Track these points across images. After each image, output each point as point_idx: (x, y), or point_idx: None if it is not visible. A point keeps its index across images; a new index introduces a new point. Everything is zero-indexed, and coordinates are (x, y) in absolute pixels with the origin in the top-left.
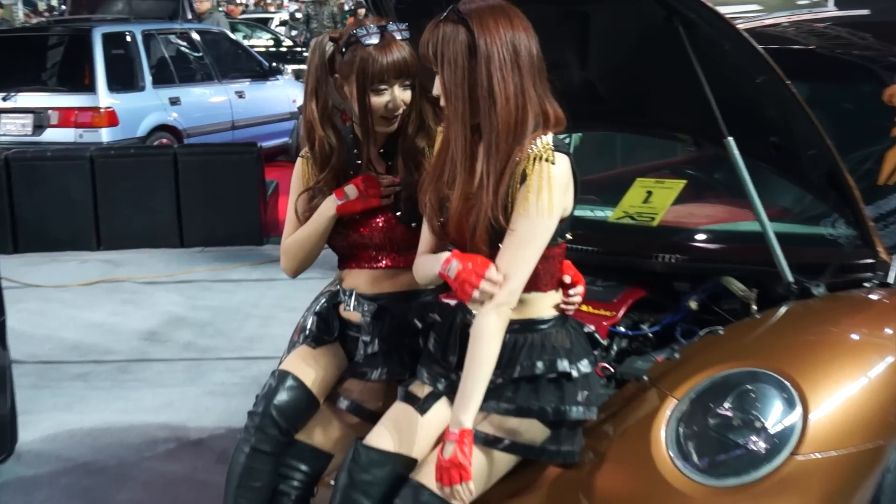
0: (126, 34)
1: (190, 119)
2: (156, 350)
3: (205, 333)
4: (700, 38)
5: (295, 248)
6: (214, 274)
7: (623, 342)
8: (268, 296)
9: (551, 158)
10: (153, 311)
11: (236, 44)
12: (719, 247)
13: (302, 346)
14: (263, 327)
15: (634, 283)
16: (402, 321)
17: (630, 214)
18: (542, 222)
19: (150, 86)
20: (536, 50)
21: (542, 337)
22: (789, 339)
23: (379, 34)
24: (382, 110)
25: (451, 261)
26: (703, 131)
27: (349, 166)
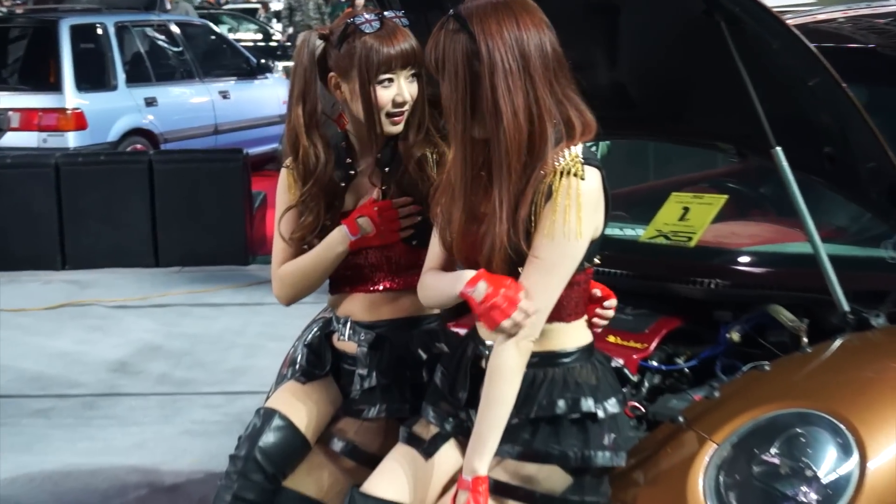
0: (97, 26)
1: (168, 122)
2: (127, 383)
3: (182, 365)
4: (745, 36)
5: (293, 278)
6: (193, 297)
7: (656, 378)
8: (254, 323)
9: (580, 173)
10: (124, 338)
11: (220, 38)
12: (765, 271)
13: (290, 381)
14: (248, 358)
15: (669, 312)
16: (403, 352)
17: (664, 233)
18: (570, 246)
19: (123, 84)
20: (552, 48)
21: (564, 372)
22: (845, 376)
23: (379, 20)
24: (389, 105)
25: (479, 281)
26: (747, 140)
27: (340, 179)
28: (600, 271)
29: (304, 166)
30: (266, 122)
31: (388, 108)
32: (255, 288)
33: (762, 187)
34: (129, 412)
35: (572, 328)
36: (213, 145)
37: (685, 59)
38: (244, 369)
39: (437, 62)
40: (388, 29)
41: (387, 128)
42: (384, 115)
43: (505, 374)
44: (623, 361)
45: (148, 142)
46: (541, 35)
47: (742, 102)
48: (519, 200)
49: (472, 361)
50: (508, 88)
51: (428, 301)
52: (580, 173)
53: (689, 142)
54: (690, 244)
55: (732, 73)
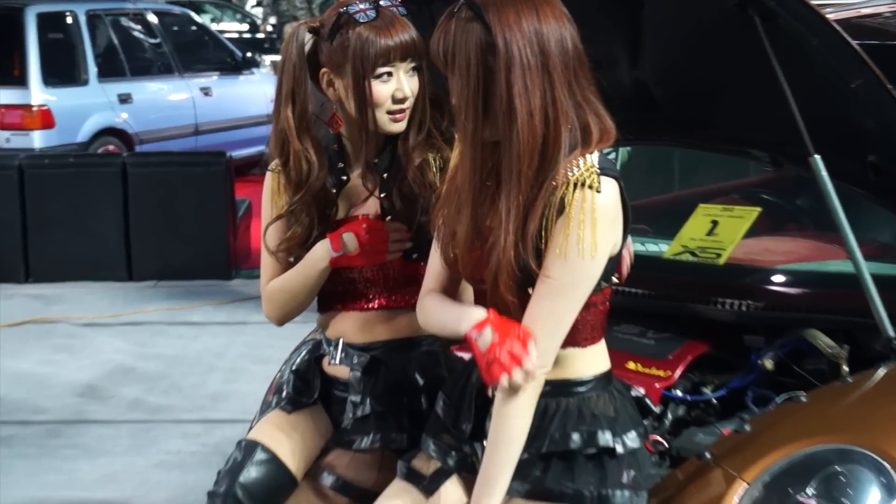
0: (66, 14)
1: (143, 121)
2: (96, 409)
3: (157, 389)
4: (781, 32)
5: (281, 296)
6: (170, 315)
7: (680, 410)
8: (236, 343)
9: (596, 185)
10: (93, 360)
11: (202, 29)
12: (802, 291)
13: (275, 410)
14: (230, 383)
15: (695, 336)
16: (400, 376)
17: (690, 249)
18: (585, 266)
19: (94, 79)
20: (574, 44)
21: (579, 402)
22: (889, 409)
23: (375, 9)
24: (389, 102)
25: (486, 327)
26: (782, 147)
27: (332, 186)
28: (619, 291)
29: (294, 173)
30: (252, 122)
31: (389, 105)
32: (238, 305)
33: (799, 199)
34: (98, 441)
35: (588, 354)
36: (194, 147)
37: (715, 58)
38: (225, 395)
39: (446, 54)
40: (385, 18)
41: (388, 126)
42: (384, 112)
43: (515, 408)
44: (644, 391)
45: (121, 143)
46: (562, 29)
47: (777, 105)
48: (528, 212)
49: (478, 390)
50: (525, 86)
51: (427, 328)
52: (596, 185)
53: (719, 148)
54: (719, 261)
55: (767, 74)
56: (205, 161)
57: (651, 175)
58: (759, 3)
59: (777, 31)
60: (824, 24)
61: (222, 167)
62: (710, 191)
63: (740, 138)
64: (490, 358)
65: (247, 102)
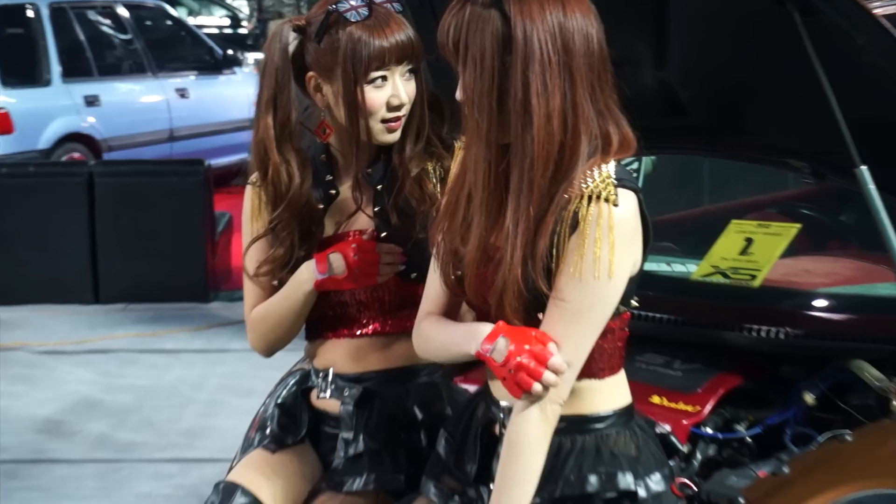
0: (26, 8)
1: (112, 126)
2: (58, 447)
3: (126, 424)
4: (823, 29)
5: (265, 324)
6: (141, 342)
7: (710, 449)
8: (214, 373)
9: (613, 198)
10: (55, 391)
11: (178, 23)
12: (846, 317)
13: (257, 449)
14: (207, 417)
15: (727, 367)
16: (396, 410)
17: (722, 270)
18: (601, 288)
19: (58, 79)
20: (600, 46)
21: (596, 440)
22: None
23: (367, 6)
24: (383, 110)
25: (498, 338)
26: (825, 157)
27: (318, 200)
28: (642, 316)
29: (273, 187)
30: (233, 127)
31: (383, 113)
32: (217, 331)
33: (843, 214)
34: (60, 483)
35: (606, 386)
36: (168, 155)
37: (749, 57)
38: (202, 431)
39: (457, 44)
40: (378, 17)
41: (381, 136)
42: (377, 121)
43: (527, 445)
44: (670, 427)
45: (88, 150)
46: (588, 27)
47: (819, 111)
48: (539, 227)
49: (484, 426)
50: (545, 85)
51: (428, 355)
52: (613, 198)
53: (753, 158)
54: (754, 284)
55: (807, 75)
56: (181, 170)
57: (678, 187)
58: None
59: (819, 27)
60: (871, 19)
61: (200, 177)
62: (744, 205)
63: (777, 147)
64: (512, 366)
65: (228, 105)
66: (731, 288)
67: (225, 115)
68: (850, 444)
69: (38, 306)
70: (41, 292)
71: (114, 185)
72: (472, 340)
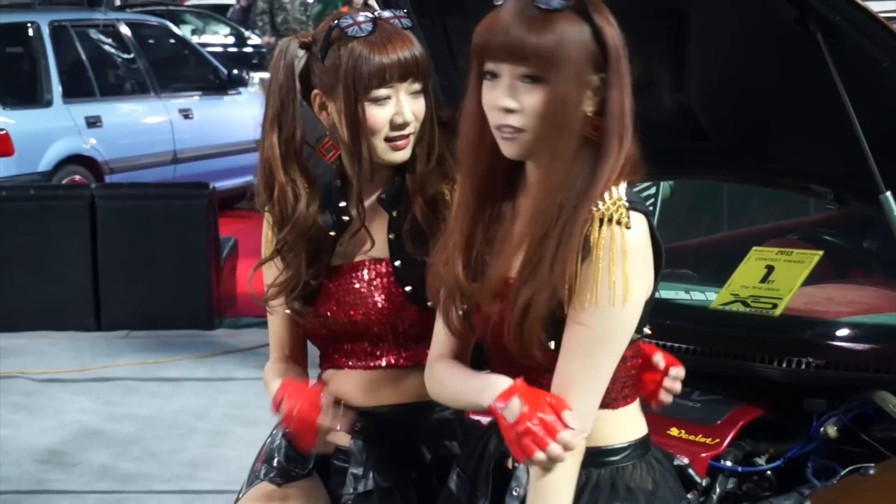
0: (27, 26)
1: (114, 147)
2: (59, 477)
3: (129, 455)
4: (847, 51)
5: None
6: (144, 370)
7: (730, 483)
8: (219, 402)
9: (625, 221)
10: (56, 420)
11: (182, 42)
12: (870, 347)
13: (264, 482)
14: (212, 447)
15: (747, 399)
16: (408, 447)
17: (742, 299)
18: (618, 313)
19: (59, 100)
20: None
21: (612, 474)
22: None
23: (371, 22)
24: (387, 129)
25: (513, 397)
26: (848, 182)
27: (329, 227)
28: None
29: (279, 208)
30: (238, 149)
31: (387, 131)
32: (222, 359)
33: (866, 241)
34: None
35: (621, 417)
36: (172, 177)
37: (771, 80)
38: (206, 462)
39: (546, 51)
40: (382, 32)
41: (386, 155)
42: (381, 139)
43: (557, 479)
44: (688, 460)
45: (89, 172)
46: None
47: (842, 135)
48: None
49: (496, 461)
50: (628, 100)
51: (441, 399)
52: (625, 221)
53: (775, 183)
54: (775, 313)
55: (831, 98)
56: (184, 193)
57: (697, 213)
58: (821, 17)
59: (842, 49)
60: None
61: (204, 200)
62: (765, 231)
63: (799, 172)
64: (520, 430)
65: (233, 126)
66: (752, 317)
67: (230, 137)
68: (873, 477)
69: (39, 333)
70: (42, 319)
71: (116, 209)
72: (486, 393)
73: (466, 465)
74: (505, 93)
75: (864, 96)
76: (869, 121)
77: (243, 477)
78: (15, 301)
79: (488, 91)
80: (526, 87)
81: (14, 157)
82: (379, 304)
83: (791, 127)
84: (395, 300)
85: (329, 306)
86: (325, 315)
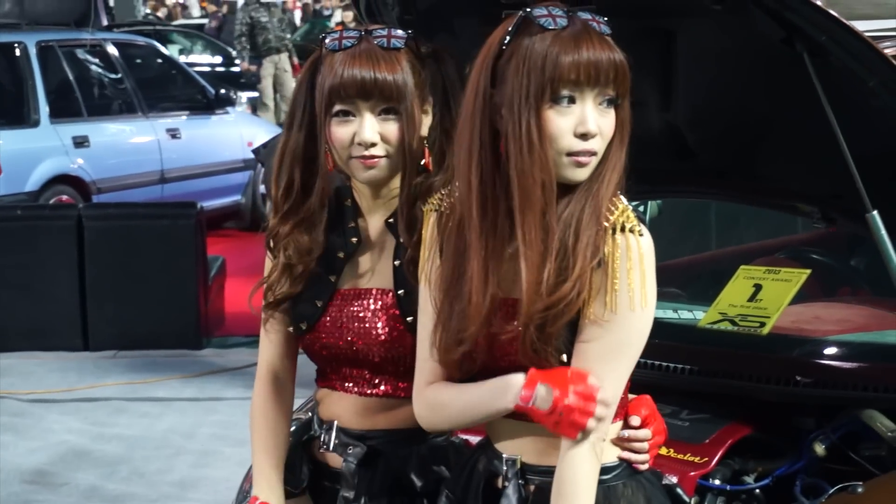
0: (14, 46)
1: (102, 167)
2: (46, 498)
3: (116, 475)
4: (834, 71)
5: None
6: (132, 390)
7: (719, 501)
8: (207, 422)
9: (638, 228)
10: (43, 441)
11: (170, 62)
12: (858, 366)
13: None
14: (200, 467)
15: (735, 417)
16: (400, 473)
17: (730, 318)
18: (638, 319)
19: (46, 120)
20: None
21: (605, 493)
22: None
23: (355, 38)
24: (352, 146)
25: (537, 386)
26: (836, 201)
27: (338, 248)
28: (649, 365)
29: (283, 198)
30: (226, 169)
31: (353, 149)
32: (210, 379)
33: (854, 260)
34: None
35: (612, 435)
36: (159, 197)
37: (758, 99)
38: (195, 482)
39: (615, 71)
40: (357, 49)
41: (358, 173)
42: (347, 156)
43: (583, 486)
44: (677, 479)
45: (77, 192)
46: None
47: (829, 154)
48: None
49: (486, 481)
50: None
51: (442, 423)
52: (637, 228)
53: (762, 202)
54: (763, 331)
55: (817, 117)
56: (172, 213)
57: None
58: (807, 37)
59: (829, 68)
60: (882, 61)
61: (192, 220)
62: (753, 250)
63: (787, 191)
64: (562, 410)
65: (220, 146)
66: (740, 336)
67: (217, 156)
68: (862, 496)
69: (26, 353)
70: (29, 339)
71: (103, 229)
72: (506, 394)
73: (455, 486)
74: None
75: (850, 115)
76: (855, 140)
77: (231, 497)
78: (2, 321)
79: (562, 116)
80: (605, 110)
81: (1, 177)
82: (382, 335)
83: (778, 146)
84: (396, 331)
85: (331, 331)
86: (326, 339)
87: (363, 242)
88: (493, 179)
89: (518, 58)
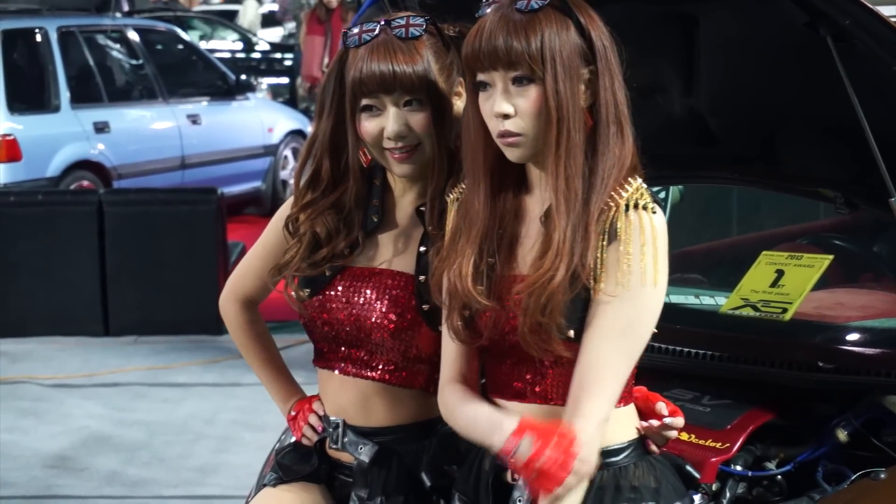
0: (35, 32)
1: (122, 153)
2: (66, 483)
3: (137, 460)
4: (857, 55)
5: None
6: (152, 375)
7: (740, 487)
8: (227, 408)
9: (651, 206)
10: (64, 426)
11: (190, 48)
12: (881, 352)
13: (272, 486)
14: (220, 453)
15: (757, 403)
16: (412, 470)
17: (752, 303)
18: (649, 296)
19: (67, 105)
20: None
21: (615, 474)
22: None
23: (375, 31)
24: (376, 141)
25: (523, 437)
26: (858, 186)
27: (363, 220)
28: (670, 351)
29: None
30: (246, 155)
31: (381, 144)
32: (230, 364)
33: (877, 246)
34: None
35: (621, 416)
36: (180, 183)
37: (781, 84)
38: (215, 467)
39: (538, 52)
40: (376, 43)
41: (393, 167)
42: (379, 150)
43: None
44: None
45: (97, 178)
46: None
47: (853, 139)
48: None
49: (495, 475)
50: (624, 97)
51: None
52: (651, 206)
53: (785, 187)
54: (785, 317)
55: (841, 102)
56: (193, 199)
57: (707, 217)
58: (831, 21)
59: (852, 53)
60: None
61: (213, 206)
62: (775, 236)
63: (809, 176)
64: (538, 470)
65: (240, 132)
66: (762, 321)
67: (238, 142)
68: (884, 482)
69: (47, 338)
70: (50, 324)
71: (124, 215)
72: (494, 434)
73: (465, 486)
74: (500, 99)
75: (874, 100)
76: (879, 125)
77: (252, 482)
78: (23, 306)
79: (484, 101)
80: (518, 89)
81: (22, 163)
82: (390, 314)
83: (801, 131)
84: (406, 315)
85: (337, 306)
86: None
87: (385, 223)
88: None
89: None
